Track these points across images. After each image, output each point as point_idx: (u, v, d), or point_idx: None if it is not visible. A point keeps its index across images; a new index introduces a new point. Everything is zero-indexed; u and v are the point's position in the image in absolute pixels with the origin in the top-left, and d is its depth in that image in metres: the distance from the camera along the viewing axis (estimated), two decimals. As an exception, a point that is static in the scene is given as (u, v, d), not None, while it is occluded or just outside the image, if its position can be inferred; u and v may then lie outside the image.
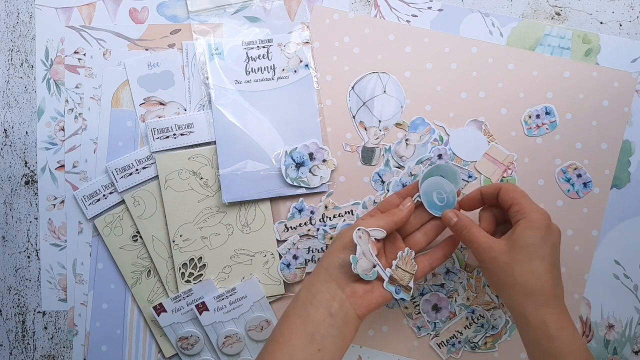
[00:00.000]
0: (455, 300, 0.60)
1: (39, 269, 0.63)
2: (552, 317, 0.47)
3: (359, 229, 0.50)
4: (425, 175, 0.55)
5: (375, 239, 0.52)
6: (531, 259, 0.48)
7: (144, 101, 0.62)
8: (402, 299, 0.56)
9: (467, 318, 0.60)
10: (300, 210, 0.61)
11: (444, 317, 0.61)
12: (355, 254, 0.50)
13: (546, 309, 0.47)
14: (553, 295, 0.48)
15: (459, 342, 0.60)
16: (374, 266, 0.51)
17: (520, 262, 0.48)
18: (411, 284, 0.52)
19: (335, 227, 0.61)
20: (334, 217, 0.61)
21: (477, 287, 0.60)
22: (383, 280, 0.51)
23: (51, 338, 0.64)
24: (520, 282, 0.48)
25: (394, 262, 0.52)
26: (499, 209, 0.54)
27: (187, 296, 0.61)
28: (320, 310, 0.50)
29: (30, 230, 0.63)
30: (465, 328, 0.60)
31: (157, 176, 0.61)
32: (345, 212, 0.61)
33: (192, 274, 0.61)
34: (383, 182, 0.61)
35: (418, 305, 0.61)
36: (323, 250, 0.61)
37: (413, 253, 0.53)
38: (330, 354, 0.49)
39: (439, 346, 0.60)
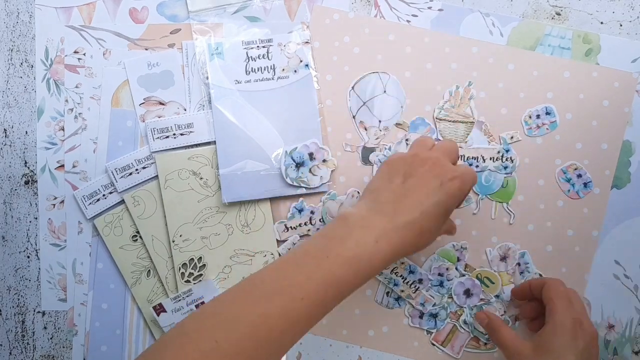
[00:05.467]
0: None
1: (39, 269, 0.63)
2: None
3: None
4: None
5: None
6: None
7: (143, 101, 0.62)
8: None
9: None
10: (300, 211, 0.61)
11: (472, 304, 0.61)
12: None
13: None
14: None
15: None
16: None
17: None
18: None
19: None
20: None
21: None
22: None
23: (51, 338, 0.63)
24: None
25: None
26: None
27: (187, 296, 0.61)
28: None
29: (30, 230, 0.63)
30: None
31: (157, 176, 0.61)
32: (345, 212, 0.61)
33: (192, 274, 0.61)
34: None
35: (413, 284, 0.61)
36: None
37: None
38: None
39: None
